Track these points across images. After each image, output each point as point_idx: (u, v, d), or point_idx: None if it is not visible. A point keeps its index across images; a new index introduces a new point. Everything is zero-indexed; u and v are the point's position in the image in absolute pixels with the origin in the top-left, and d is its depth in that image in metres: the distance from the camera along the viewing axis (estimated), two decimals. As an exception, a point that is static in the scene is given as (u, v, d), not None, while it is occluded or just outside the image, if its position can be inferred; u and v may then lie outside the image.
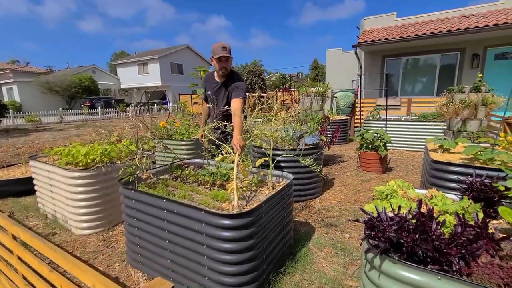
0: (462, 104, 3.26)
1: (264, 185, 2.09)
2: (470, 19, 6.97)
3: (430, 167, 2.42)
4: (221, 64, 2.34)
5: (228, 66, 2.38)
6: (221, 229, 1.44)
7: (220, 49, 2.25)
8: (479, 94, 3.23)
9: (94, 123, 14.59)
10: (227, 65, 2.36)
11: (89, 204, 2.47)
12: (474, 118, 3.30)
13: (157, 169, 2.32)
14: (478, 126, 3.28)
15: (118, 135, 5.88)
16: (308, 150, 3.04)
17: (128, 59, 29.63)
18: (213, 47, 2.31)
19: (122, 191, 1.92)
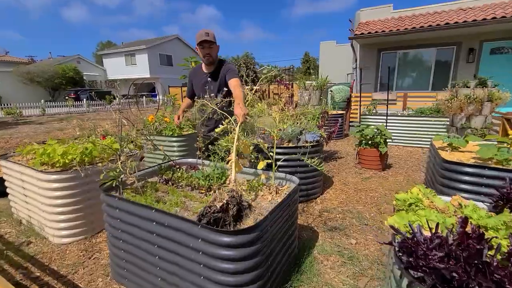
0: (467, 99, 3.13)
1: (265, 189, 1.89)
2: (467, 12, 6.87)
3: (441, 167, 2.27)
4: (204, 51, 2.20)
5: (213, 53, 2.23)
6: (220, 247, 1.23)
7: (203, 34, 2.13)
8: (485, 89, 3.10)
9: (79, 116, 13.96)
10: (211, 51, 2.21)
11: (68, 209, 2.20)
12: (479, 115, 3.18)
13: (145, 171, 2.07)
14: (483, 122, 3.17)
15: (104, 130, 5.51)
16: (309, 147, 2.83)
17: (115, 49, 28.49)
18: (196, 35, 2.19)
19: (104, 199, 1.67)
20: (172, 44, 27.75)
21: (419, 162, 4.52)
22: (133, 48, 25.96)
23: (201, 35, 2.15)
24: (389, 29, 7.11)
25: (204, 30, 2.18)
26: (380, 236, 2.31)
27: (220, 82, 2.30)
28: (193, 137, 3.75)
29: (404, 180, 3.65)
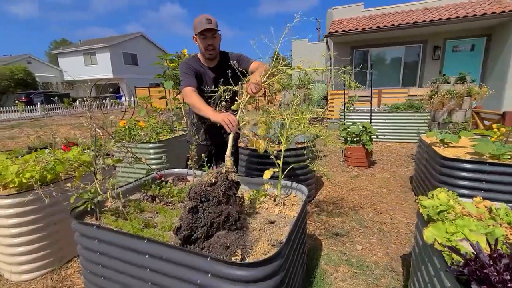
0: (449, 95, 3.22)
1: (269, 200, 1.68)
2: (432, 12, 7.28)
3: (439, 164, 2.25)
4: (206, 42, 1.78)
5: (216, 44, 1.83)
6: (235, 282, 1.00)
7: (204, 21, 1.72)
8: (465, 84, 3.22)
9: (33, 121, 12.53)
10: (214, 42, 1.80)
11: (29, 239, 1.81)
12: (459, 109, 3.29)
13: (125, 187, 1.76)
14: (463, 117, 3.29)
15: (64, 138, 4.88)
16: (301, 149, 2.68)
17: (72, 47, 26.14)
18: (195, 22, 1.77)
19: (77, 228, 1.35)
20: (136, 42, 26.21)
21: (400, 157, 4.63)
22: (93, 47, 24.05)
23: (202, 22, 1.73)
24: (361, 27, 7.29)
25: (205, 16, 1.76)
26: (383, 239, 2.23)
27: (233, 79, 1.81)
28: (172, 142, 3.41)
29: (391, 177, 3.67)
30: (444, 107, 3.28)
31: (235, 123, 1.42)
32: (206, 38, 1.77)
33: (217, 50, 1.88)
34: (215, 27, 1.75)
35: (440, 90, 3.33)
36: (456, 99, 3.22)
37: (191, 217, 1.19)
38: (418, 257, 1.30)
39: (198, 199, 1.20)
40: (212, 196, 1.21)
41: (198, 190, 1.21)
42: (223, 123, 1.43)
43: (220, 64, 1.93)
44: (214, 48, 1.83)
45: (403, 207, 2.78)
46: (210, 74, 1.94)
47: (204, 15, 1.76)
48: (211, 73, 1.94)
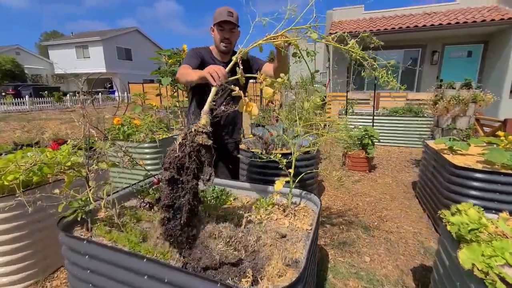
0: (454, 100, 3.17)
1: (277, 210, 1.56)
2: (432, 16, 7.29)
3: (450, 173, 2.17)
4: (222, 34, 1.67)
5: (233, 39, 1.72)
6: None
7: (225, 13, 1.61)
8: (470, 90, 3.17)
9: (20, 115, 12.07)
10: (231, 36, 1.70)
11: (11, 248, 1.64)
12: (463, 115, 3.25)
13: (119, 193, 1.60)
14: (467, 123, 3.25)
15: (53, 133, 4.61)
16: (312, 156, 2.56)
17: (63, 40, 25.42)
18: (216, 12, 1.66)
19: (65, 241, 1.19)
20: (131, 37, 25.69)
21: (400, 161, 4.58)
22: (86, 40, 23.44)
23: (222, 13, 1.65)
24: (362, 29, 7.24)
25: (227, 9, 1.67)
26: (391, 249, 2.14)
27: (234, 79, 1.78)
28: (170, 142, 3.26)
29: (393, 182, 3.60)
30: (449, 113, 3.23)
31: (222, 75, 1.22)
32: (224, 30, 1.67)
33: (232, 44, 1.76)
34: (235, 21, 1.65)
35: (445, 96, 3.28)
36: (461, 105, 3.18)
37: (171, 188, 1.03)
38: (443, 278, 1.20)
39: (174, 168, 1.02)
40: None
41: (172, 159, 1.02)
42: (208, 75, 1.25)
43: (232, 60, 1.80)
44: (230, 42, 1.72)
45: (408, 215, 2.70)
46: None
47: (227, 7, 1.66)
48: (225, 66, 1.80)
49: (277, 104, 4.65)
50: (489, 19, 6.36)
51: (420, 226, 2.47)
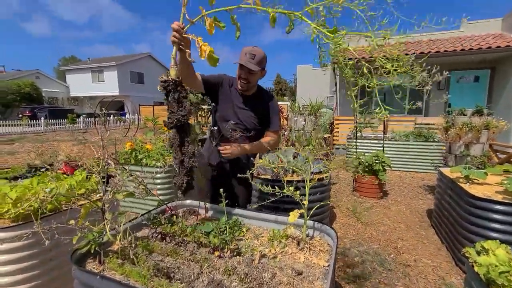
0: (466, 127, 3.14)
1: (292, 243, 1.51)
2: (437, 44, 7.45)
3: (469, 204, 2.09)
4: (240, 73, 1.67)
5: (252, 80, 1.69)
6: None
7: (247, 56, 1.61)
8: (482, 117, 3.15)
9: (35, 136, 12.45)
10: (249, 78, 1.67)
11: (19, 279, 1.61)
12: (477, 142, 3.20)
13: (131, 222, 1.59)
14: (481, 150, 3.19)
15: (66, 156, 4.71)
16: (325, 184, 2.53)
17: (81, 65, 26.85)
18: (242, 50, 1.67)
19: (78, 275, 1.17)
20: (144, 62, 26.94)
21: (413, 188, 4.47)
22: (102, 65, 24.67)
23: (245, 54, 1.63)
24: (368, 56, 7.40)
25: (252, 51, 1.62)
26: (411, 286, 2.02)
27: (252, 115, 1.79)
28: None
29: (407, 210, 3.49)
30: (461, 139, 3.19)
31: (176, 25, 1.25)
32: (242, 69, 1.66)
33: (250, 84, 1.73)
34: (252, 66, 1.60)
35: (457, 122, 3.26)
36: (473, 132, 3.14)
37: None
38: (473, 325, 1.12)
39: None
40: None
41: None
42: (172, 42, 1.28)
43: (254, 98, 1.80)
44: (247, 82, 1.69)
45: (425, 247, 2.58)
46: (240, 100, 1.80)
47: (253, 49, 1.64)
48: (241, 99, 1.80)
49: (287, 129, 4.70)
50: (494, 46, 6.46)
51: (440, 260, 2.35)
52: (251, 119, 1.79)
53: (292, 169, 2.85)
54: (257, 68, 1.65)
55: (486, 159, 3.12)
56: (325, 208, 2.71)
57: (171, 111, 1.34)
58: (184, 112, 1.36)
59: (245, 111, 1.79)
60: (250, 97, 1.81)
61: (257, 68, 1.64)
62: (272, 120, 1.82)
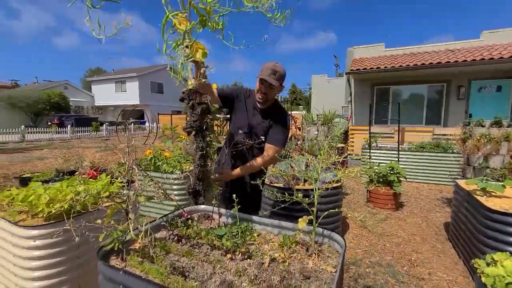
0: (484, 139, 3.07)
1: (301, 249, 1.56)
2: (456, 53, 7.30)
3: (485, 217, 2.05)
4: (259, 86, 1.78)
5: (270, 94, 1.81)
6: None
7: (269, 71, 1.71)
8: (501, 129, 3.07)
9: (62, 143, 13.21)
10: (268, 92, 1.78)
11: (49, 273, 1.76)
12: (496, 154, 3.10)
13: (151, 224, 1.71)
14: (501, 162, 3.09)
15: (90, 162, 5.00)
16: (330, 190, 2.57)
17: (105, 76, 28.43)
18: (263, 66, 1.78)
19: (103, 270, 1.29)
20: (163, 73, 28.01)
21: (430, 200, 4.35)
22: (124, 75, 25.99)
23: (267, 69, 1.73)
24: (383, 66, 7.39)
25: (273, 66, 1.73)
26: (424, 298, 1.99)
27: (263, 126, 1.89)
28: (196, 174, 3.41)
29: (423, 223, 3.41)
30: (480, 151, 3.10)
31: None
32: (262, 84, 1.77)
33: (268, 98, 1.84)
34: (272, 81, 1.71)
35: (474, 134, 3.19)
36: (492, 143, 3.05)
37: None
38: (481, 336, 1.12)
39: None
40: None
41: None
42: None
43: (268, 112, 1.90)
44: (265, 96, 1.80)
45: (441, 260, 2.52)
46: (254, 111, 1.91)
47: (274, 65, 1.74)
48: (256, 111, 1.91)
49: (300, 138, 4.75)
50: (516, 55, 6.23)
51: (456, 274, 2.29)
52: (259, 130, 1.88)
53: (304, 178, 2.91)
54: (277, 84, 1.75)
55: (507, 171, 3.02)
56: (337, 218, 2.73)
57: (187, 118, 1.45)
58: (195, 117, 1.43)
59: (256, 122, 1.89)
60: (264, 110, 1.90)
61: (277, 84, 1.74)
62: (274, 135, 1.84)
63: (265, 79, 1.69)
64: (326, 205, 2.52)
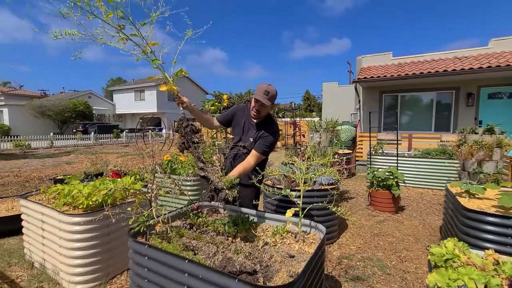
0: (477, 145, 3.23)
1: (290, 237, 1.88)
2: (463, 61, 7.35)
3: (462, 216, 2.27)
4: (254, 105, 2.15)
5: (262, 111, 2.17)
6: (258, 302, 1.20)
7: (262, 92, 2.06)
8: (493, 136, 3.22)
9: (86, 149, 14.14)
10: (261, 110, 2.15)
11: (86, 253, 2.16)
12: (490, 160, 3.25)
13: (169, 214, 2.08)
14: (494, 167, 3.23)
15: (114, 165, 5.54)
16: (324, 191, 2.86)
17: (126, 85, 29.95)
18: (258, 86, 2.14)
19: (133, 245, 1.66)
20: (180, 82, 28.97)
21: (432, 204, 4.48)
22: (143, 85, 27.28)
23: (261, 90, 2.06)
24: (390, 74, 7.56)
25: (266, 88, 2.06)
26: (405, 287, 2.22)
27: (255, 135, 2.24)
28: (207, 176, 3.80)
29: (420, 225, 3.59)
30: (473, 157, 3.26)
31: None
32: (257, 102, 2.12)
33: (260, 115, 2.19)
34: (265, 101, 2.06)
35: (468, 140, 3.35)
36: (485, 150, 3.21)
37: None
38: (429, 304, 1.38)
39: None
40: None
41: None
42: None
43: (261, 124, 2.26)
44: (258, 113, 2.16)
45: (430, 258, 2.72)
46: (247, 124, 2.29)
47: (267, 87, 2.07)
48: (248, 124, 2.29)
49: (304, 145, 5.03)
50: (525, 62, 6.23)
51: (441, 269, 2.49)
52: (249, 139, 2.24)
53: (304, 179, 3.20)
54: (269, 103, 2.11)
55: (499, 176, 3.16)
56: (332, 216, 3.00)
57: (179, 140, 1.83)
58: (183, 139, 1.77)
59: (247, 133, 2.28)
60: (256, 124, 2.28)
61: (268, 103, 2.10)
62: (260, 144, 2.16)
63: (259, 99, 2.05)
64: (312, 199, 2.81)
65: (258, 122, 2.26)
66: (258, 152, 2.13)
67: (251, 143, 2.23)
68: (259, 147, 2.15)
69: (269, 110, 2.23)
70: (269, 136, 2.20)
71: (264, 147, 2.15)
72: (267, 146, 2.16)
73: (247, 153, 2.25)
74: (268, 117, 2.30)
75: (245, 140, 2.27)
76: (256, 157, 2.13)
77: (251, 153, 2.16)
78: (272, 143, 2.21)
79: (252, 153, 2.15)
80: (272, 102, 2.12)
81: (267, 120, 2.29)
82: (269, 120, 2.30)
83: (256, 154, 2.14)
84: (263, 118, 2.26)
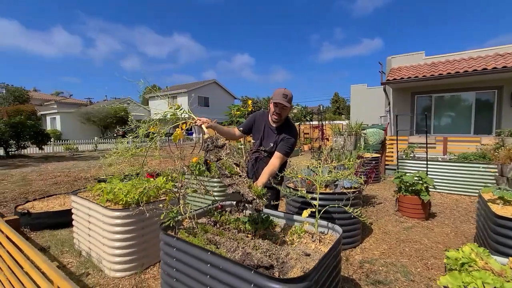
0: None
1: (307, 236, 1.96)
2: (506, 58, 6.75)
3: (494, 223, 2.17)
4: (274, 110, 2.26)
5: (283, 114, 2.28)
6: (272, 293, 1.31)
7: (281, 95, 2.18)
8: (535, 139, 2.97)
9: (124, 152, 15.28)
10: (282, 113, 2.26)
11: (124, 245, 2.44)
12: (532, 165, 3.00)
13: (196, 212, 2.27)
14: (538, 173, 2.97)
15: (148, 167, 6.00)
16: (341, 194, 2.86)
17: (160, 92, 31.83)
18: (275, 92, 2.26)
19: (163, 238, 1.87)
20: (209, 87, 30.30)
21: (467, 212, 4.20)
22: (175, 91, 28.82)
23: (278, 94, 2.17)
24: (422, 75, 7.19)
25: (283, 91, 2.17)
26: (430, 295, 2.17)
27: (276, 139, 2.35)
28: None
29: (451, 232, 3.41)
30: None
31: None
32: (277, 107, 2.24)
33: (281, 118, 2.30)
34: (285, 103, 2.15)
35: (506, 143, 3.12)
36: (526, 154, 2.96)
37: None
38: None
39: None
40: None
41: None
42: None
43: (280, 128, 2.37)
44: (279, 117, 2.27)
45: (460, 267, 2.59)
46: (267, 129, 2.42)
47: (284, 91, 2.18)
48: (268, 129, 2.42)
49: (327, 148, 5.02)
50: None
51: (471, 279, 2.38)
52: (269, 144, 2.36)
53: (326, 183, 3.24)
54: (289, 105, 2.23)
55: (544, 183, 2.90)
56: (355, 220, 2.99)
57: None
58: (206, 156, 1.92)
59: (267, 138, 2.40)
60: (276, 128, 2.39)
61: (288, 104, 2.23)
62: (283, 146, 2.27)
63: (280, 102, 2.17)
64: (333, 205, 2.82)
65: (278, 127, 2.38)
66: (281, 154, 2.26)
67: (271, 147, 2.36)
68: (282, 149, 2.27)
69: (288, 112, 2.34)
70: (290, 138, 2.32)
71: (286, 148, 2.27)
72: (288, 147, 2.29)
73: (268, 157, 2.38)
74: (287, 121, 2.41)
75: (266, 145, 2.40)
76: (280, 158, 2.25)
77: (275, 155, 2.28)
78: (293, 144, 2.33)
79: (276, 155, 2.28)
80: (291, 103, 2.25)
81: (287, 124, 2.40)
82: (289, 124, 2.41)
83: (280, 155, 2.26)
84: (283, 122, 2.37)
